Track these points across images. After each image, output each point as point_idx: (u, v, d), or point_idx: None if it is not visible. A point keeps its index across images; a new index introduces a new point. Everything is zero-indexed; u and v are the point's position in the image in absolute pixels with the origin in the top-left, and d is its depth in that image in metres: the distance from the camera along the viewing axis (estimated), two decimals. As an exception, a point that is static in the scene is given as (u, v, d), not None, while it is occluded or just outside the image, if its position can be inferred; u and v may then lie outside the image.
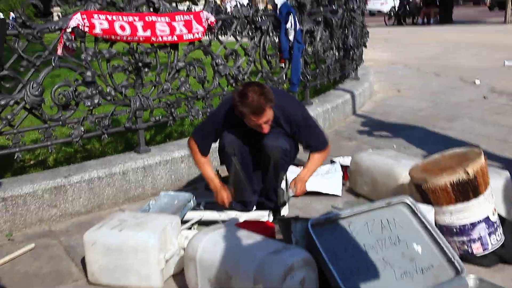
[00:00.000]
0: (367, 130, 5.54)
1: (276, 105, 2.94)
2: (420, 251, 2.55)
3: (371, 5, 34.69)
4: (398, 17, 26.11)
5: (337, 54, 6.30)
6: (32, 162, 4.39)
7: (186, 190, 3.92)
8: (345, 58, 6.63)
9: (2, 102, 3.38)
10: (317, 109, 5.48)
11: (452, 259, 2.52)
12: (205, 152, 3.20)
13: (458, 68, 9.60)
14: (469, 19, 24.72)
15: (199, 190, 3.91)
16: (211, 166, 3.27)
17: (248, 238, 2.44)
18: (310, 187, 3.66)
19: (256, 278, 2.21)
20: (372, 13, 33.08)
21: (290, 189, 3.25)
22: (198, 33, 4.11)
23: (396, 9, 26.92)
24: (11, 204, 3.38)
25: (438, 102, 6.76)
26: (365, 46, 7.79)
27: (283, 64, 5.18)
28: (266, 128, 2.94)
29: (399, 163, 3.45)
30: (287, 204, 3.40)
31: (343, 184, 3.86)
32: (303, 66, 5.36)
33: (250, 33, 4.77)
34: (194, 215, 3.31)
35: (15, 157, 3.53)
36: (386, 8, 30.76)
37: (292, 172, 3.67)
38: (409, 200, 2.68)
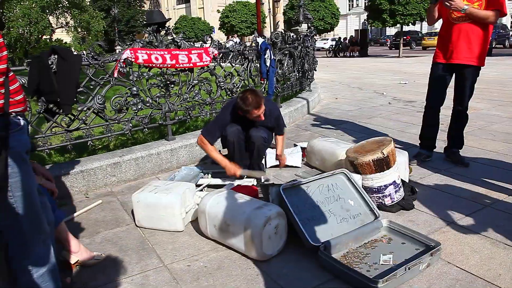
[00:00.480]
0: (317, 124, 5.43)
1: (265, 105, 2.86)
2: (353, 204, 2.48)
3: (318, 44, 34.75)
4: (335, 52, 26.13)
5: (297, 75, 6.14)
6: (100, 147, 4.23)
7: (200, 164, 3.80)
8: (302, 77, 6.48)
9: (79, 108, 3.25)
10: (285, 111, 5.34)
11: (373, 208, 2.45)
12: (212, 142, 3.00)
13: (373, 84, 9.53)
14: (378, 54, 24.72)
15: (208, 164, 3.78)
16: (218, 152, 3.08)
17: (240, 198, 2.33)
18: (280, 162, 3.56)
19: (246, 226, 2.10)
20: (318, 49, 33.08)
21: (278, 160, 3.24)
22: (206, 61, 3.93)
23: (334, 46, 26.98)
24: (87, 174, 3.24)
25: (361, 106, 6.67)
26: (315, 70, 7.64)
27: (263, 81, 5.02)
28: (262, 117, 2.86)
29: (338, 146, 3.35)
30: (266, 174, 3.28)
31: (302, 160, 3.75)
32: (276, 83, 5.21)
33: (241, 61, 4.61)
34: (204, 181, 3.19)
35: (88, 144, 3.40)
36: (327, 46, 30.86)
37: (269, 152, 3.57)
38: (345, 171, 2.60)
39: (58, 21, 23.96)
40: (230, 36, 27.58)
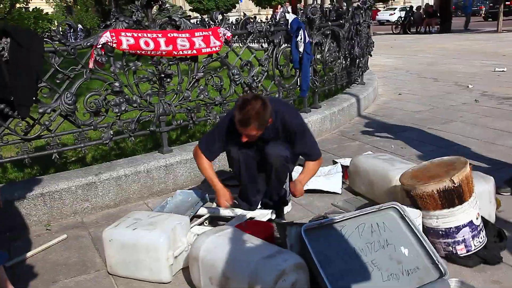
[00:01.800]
0: (369, 131, 5.32)
1: (276, 112, 2.77)
2: (407, 254, 2.37)
3: (381, 16, 34.65)
4: (404, 26, 25.74)
5: (344, 62, 6.08)
6: (73, 159, 4.33)
7: (203, 186, 3.79)
8: (351, 66, 6.41)
9: (41, 110, 3.33)
10: (325, 112, 5.29)
11: (437, 261, 2.34)
12: (211, 158, 2.97)
13: (454, 73, 9.27)
14: (466, 28, 24.06)
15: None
16: (213, 170, 3.02)
17: (245, 241, 2.29)
18: (313, 185, 3.49)
19: (251, 282, 2.05)
20: (381, 23, 32.88)
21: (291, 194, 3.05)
22: (215, 47, 3.94)
23: (402, 19, 26.62)
24: (49, 198, 3.31)
25: (435, 106, 6.48)
26: (370, 55, 7.52)
27: (295, 73, 4.99)
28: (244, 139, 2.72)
29: (393, 167, 3.24)
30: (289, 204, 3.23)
31: (343, 183, 3.67)
32: (312, 74, 5.16)
33: (264, 46, 4.61)
34: (207, 211, 3.17)
35: (53, 158, 3.46)
36: (393, 18, 30.54)
37: (297, 172, 3.50)
38: (398, 205, 2.49)
39: None
40: (279, 7, 28.07)
